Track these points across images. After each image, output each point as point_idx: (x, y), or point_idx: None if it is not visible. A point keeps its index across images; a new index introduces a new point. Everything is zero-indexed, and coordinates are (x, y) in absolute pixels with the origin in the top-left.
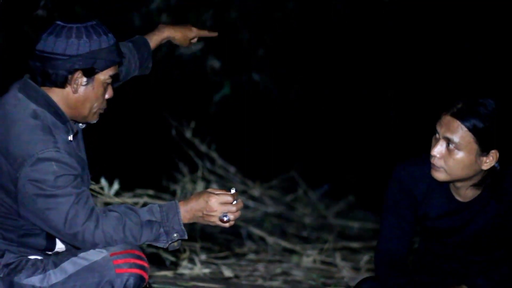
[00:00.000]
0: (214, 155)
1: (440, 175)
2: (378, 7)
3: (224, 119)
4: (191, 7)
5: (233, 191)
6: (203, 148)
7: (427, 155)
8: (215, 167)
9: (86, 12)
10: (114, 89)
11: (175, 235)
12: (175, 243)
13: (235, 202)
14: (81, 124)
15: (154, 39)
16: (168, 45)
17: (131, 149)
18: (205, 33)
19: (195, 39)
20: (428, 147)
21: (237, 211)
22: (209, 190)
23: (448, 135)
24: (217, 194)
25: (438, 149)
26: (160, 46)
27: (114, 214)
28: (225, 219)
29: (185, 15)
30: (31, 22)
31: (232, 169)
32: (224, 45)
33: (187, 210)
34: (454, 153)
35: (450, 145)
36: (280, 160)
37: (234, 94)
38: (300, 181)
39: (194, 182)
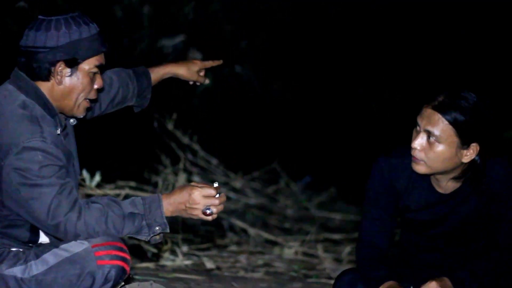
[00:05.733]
0: (196, 147)
1: (420, 168)
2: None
3: (206, 111)
4: None
5: (216, 184)
6: (185, 140)
7: (408, 147)
8: (197, 159)
9: (68, 4)
10: (107, 114)
11: (157, 228)
12: (157, 236)
13: (218, 195)
14: (72, 120)
15: (156, 71)
16: (150, 36)
17: (113, 141)
18: (209, 64)
19: (203, 72)
20: (409, 139)
21: (220, 204)
22: (192, 183)
23: (429, 128)
24: (200, 187)
25: (419, 142)
26: (161, 81)
27: (96, 206)
28: (208, 212)
29: (167, 7)
30: (13, 14)
31: (214, 161)
32: (206, 37)
33: (170, 203)
34: (434, 146)
35: (431, 138)
36: (262, 152)
37: (217, 86)
38: (282, 173)
39: (176, 174)
